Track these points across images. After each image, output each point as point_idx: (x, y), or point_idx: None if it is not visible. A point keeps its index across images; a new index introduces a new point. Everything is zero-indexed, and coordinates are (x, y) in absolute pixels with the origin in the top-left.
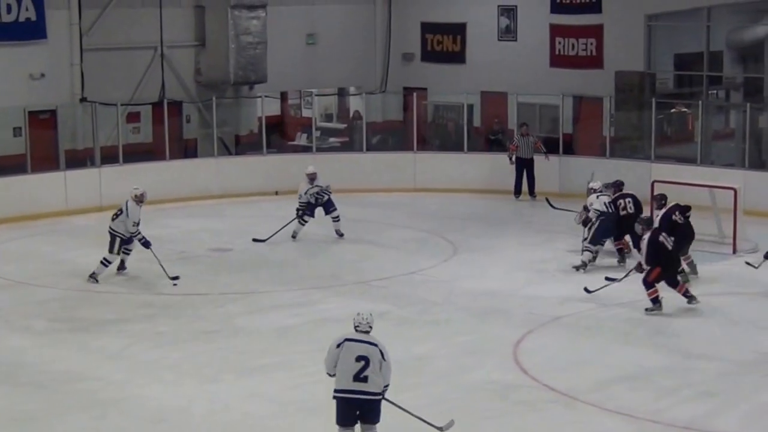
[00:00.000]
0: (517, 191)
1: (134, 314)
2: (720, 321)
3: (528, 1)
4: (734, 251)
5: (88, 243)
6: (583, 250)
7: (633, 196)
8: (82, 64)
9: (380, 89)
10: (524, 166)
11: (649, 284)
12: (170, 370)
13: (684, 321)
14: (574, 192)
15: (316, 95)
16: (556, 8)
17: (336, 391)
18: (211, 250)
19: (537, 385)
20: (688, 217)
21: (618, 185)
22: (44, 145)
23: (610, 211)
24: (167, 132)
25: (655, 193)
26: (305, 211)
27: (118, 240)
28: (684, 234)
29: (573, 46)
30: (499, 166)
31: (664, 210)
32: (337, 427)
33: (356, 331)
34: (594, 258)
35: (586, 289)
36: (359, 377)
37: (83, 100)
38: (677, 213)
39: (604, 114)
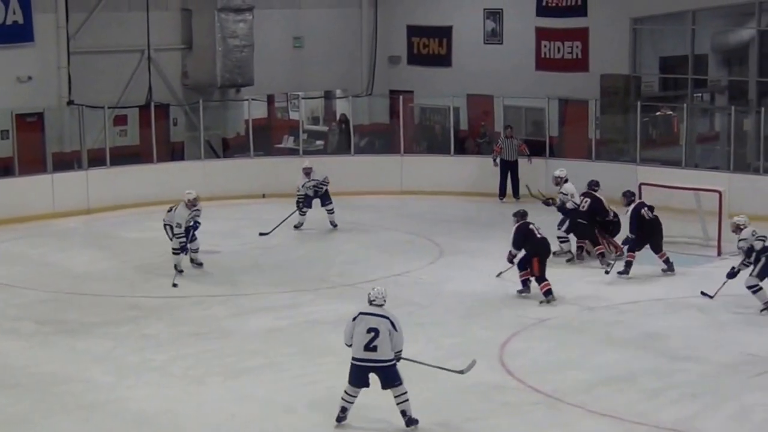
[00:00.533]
0: (502, 193)
1: (121, 316)
2: (705, 323)
3: (514, 4)
4: (719, 254)
5: (76, 245)
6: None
7: (592, 197)
8: (69, 67)
9: (367, 92)
10: (508, 168)
11: (539, 278)
12: (157, 372)
13: (669, 323)
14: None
15: (303, 98)
16: (541, 11)
17: (352, 358)
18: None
19: (523, 386)
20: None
21: (591, 185)
22: (31, 148)
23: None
24: (154, 135)
25: (624, 191)
26: (304, 203)
27: (168, 229)
28: (652, 229)
29: (558, 49)
30: (485, 169)
31: (632, 206)
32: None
33: (371, 304)
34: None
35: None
36: (369, 347)
37: (70, 102)
38: (645, 209)
39: (589, 117)
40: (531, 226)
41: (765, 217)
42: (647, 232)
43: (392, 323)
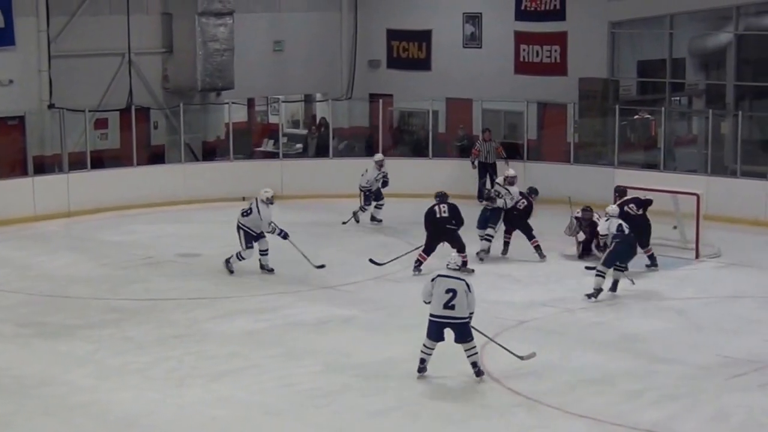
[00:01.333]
0: (480, 195)
1: (102, 319)
2: (683, 325)
3: (493, 8)
4: (697, 256)
5: (56, 248)
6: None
7: (529, 201)
8: (50, 71)
9: (346, 96)
10: (487, 170)
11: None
12: (138, 374)
13: (647, 325)
14: (539, 198)
15: (283, 102)
16: (520, 15)
17: (431, 315)
18: (179, 256)
19: (501, 388)
20: (646, 207)
21: (529, 189)
22: (12, 151)
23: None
24: (135, 138)
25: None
26: (370, 197)
27: (242, 233)
28: (638, 225)
29: (537, 53)
30: (463, 172)
31: (619, 201)
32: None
33: (447, 268)
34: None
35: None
36: (447, 305)
37: (51, 106)
38: (632, 205)
39: (568, 120)
40: (435, 207)
41: (742, 220)
42: (632, 228)
43: (467, 285)
